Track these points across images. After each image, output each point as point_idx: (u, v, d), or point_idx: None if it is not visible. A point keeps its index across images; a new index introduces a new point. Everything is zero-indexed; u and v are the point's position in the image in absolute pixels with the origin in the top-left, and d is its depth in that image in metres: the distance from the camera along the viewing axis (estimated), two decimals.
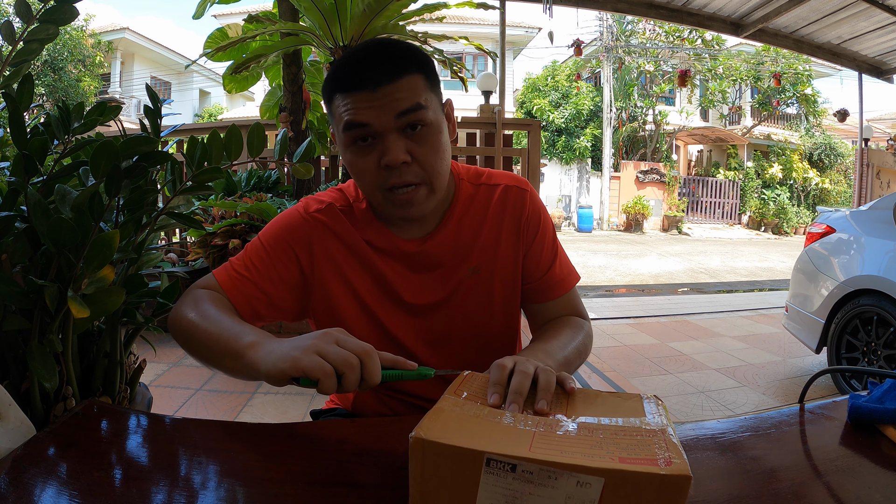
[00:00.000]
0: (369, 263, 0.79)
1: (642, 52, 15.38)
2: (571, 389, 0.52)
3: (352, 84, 0.67)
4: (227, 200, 2.78)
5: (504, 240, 0.81)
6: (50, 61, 12.05)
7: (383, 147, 0.68)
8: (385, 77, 0.67)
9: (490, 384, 0.52)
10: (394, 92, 0.67)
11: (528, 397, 0.51)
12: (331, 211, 0.80)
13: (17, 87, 0.90)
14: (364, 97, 0.67)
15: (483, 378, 0.55)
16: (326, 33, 2.87)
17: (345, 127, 0.68)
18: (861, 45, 5.98)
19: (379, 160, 0.68)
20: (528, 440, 0.41)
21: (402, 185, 0.69)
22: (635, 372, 2.90)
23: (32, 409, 0.76)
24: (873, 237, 2.56)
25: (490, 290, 0.81)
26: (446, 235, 0.79)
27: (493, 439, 0.41)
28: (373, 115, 0.67)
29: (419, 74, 0.69)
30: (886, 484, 0.51)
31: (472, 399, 0.49)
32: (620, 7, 5.43)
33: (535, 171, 4.11)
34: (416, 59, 0.69)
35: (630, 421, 0.45)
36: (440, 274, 0.80)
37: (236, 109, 17.83)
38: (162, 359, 2.75)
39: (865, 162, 8.73)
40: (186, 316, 0.70)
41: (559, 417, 0.47)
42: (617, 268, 7.97)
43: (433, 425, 0.42)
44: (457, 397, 0.49)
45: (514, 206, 0.81)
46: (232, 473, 0.52)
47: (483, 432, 0.42)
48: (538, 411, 0.48)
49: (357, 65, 0.68)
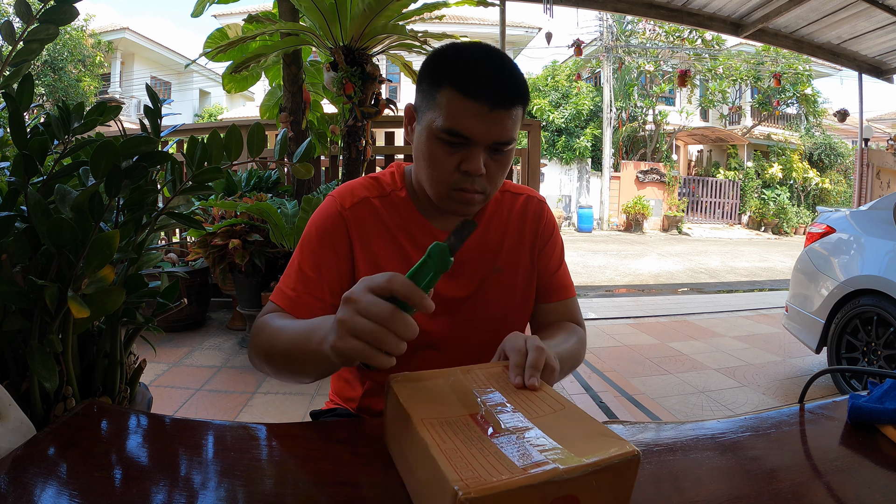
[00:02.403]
0: (405, 255, 0.81)
1: (642, 52, 15.38)
2: (532, 386, 0.56)
3: (472, 91, 0.69)
4: (227, 200, 2.78)
5: (525, 243, 0.88)
6: (50, 61, 12.04)
7: (469, 154, 0.72)
8: (502, 102, 0.69)
9: (511, 367, 0.59)
10: (503, 119, 0.70)
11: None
12: (366, 204, 0.82)
13: (17, 87, 0.90)
14: (478, 111, 0.69)
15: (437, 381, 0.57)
16: (326, 33, 2.87)
17: (446, 130, 0.70)
18: (861, 45, 5.98)
19: (459, 163, 0.72)
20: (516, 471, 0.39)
21: (469, 191, 0.74)
22: (635, 372, 2.90)
23: (32, 409, 0.76)
24: (873, 237, 2.56)
25: (512, 287, 0.86)
26: (476, 233, 0.84)
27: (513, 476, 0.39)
28: (477, 133, 0.70)
29: (522, 108, 0.73)
30: (886, 484, 0.51)
31: (442, 423, 0.47)
32: (620, 7, 5.43)
33: (535, 171, 4.10)
34: (526, 93, 0.74)
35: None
36: (468, 269, 0.84)
37: (236, 109, 17.83)
38: (162, 359, 2.75)
39: (865, 162, 8.73)
40: (261, 342, 0.71)
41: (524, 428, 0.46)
42: (617, 268, 7.97)
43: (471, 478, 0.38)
44: (430, 429, 0.46)
45: (534, 214, 0.90)
46: (232, 473, 0.52)
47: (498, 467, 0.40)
48: (529, 386, 0.55)
49: (484, 74, 0.70)
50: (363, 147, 3.01)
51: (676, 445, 0.58)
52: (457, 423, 0.47)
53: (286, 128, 3.14)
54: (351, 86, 2.83)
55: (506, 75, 0.70)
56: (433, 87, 0.72)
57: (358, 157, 3.00)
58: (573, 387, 2.60)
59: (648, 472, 0.53)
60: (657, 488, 0.50)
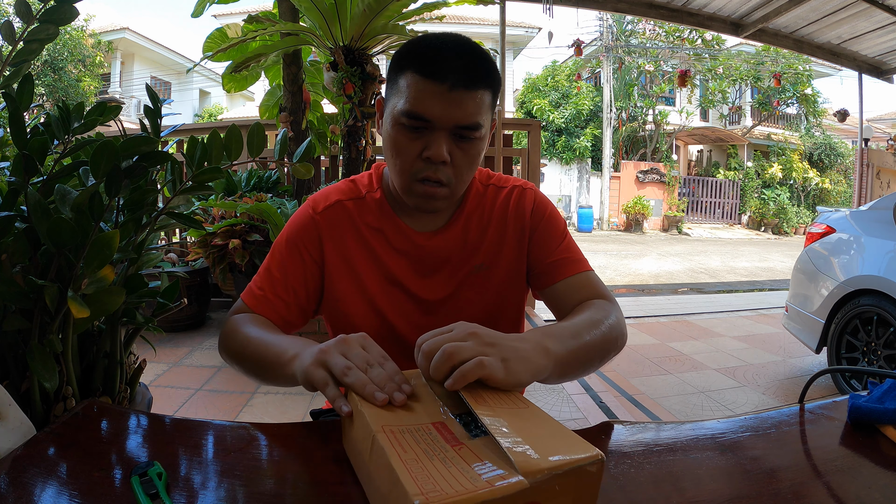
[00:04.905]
0: (378, 257, 0.80)
1: (642, 52, 15.38)
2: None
3: (431, 72, 0.68)
4: (227, 200, 2.78)
5: (509, 236, 0.83)
6: (50, 61, 12.04)
7: (430, 140, 0.70)
8: (463, 82, 0.68)
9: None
10: (465, 100, 0.68)
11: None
12: (339, 207, 0.82)
13: (17, 87, 0.90)
14: (437, 91, 0.68)
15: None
16: (326, 33, 2.87)
17: (406, 113, 0.69)
18: (861, 45, 5.98)
19: (422, 150, 0.70)
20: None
21: (432, 181, 0.72)
22: (635, 372, 2.90)
23: (32, 409, 0.76)
24: (873, 237, 2.56)
25: (495, 286, 0.83)
26: (456, 231, 0.82)
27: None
28: (437, 113, 0.68)
29: (489, 91, 0.71)
30: (886, 484, 0.51)
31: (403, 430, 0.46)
32: (620, 7, 5.42)
33: (535, 171, 4.10)
34: (493, 76, 0.71)
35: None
36: (448, 269, 0.82)
37: (236, 109, 17.83)
38: (162, 359, 2.75)
39: (865, 162, 8.72)
40: (233, 344, 0.74)
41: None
42: (617, 268, 7.97)
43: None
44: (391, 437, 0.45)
45: (518, 204, 0.84)
46: (232, 473, 0.52)
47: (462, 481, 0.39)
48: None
49: (444, 55, 0.68)
50: (363, 147, 3.01)
51: (676, 445, 0.58)
52: (418, 431, 0.45)
53: (286, 128, 3.14)
54: (351, 86, 2.83)
55: (467, 57, 0.69)
56: (397, 73, 0.72)
57: (358, 157, 3.00)
58: (573, 386, 2.60)
59: (648, 472, 0.53)
60: (657, 488, 0.50)
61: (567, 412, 2.29)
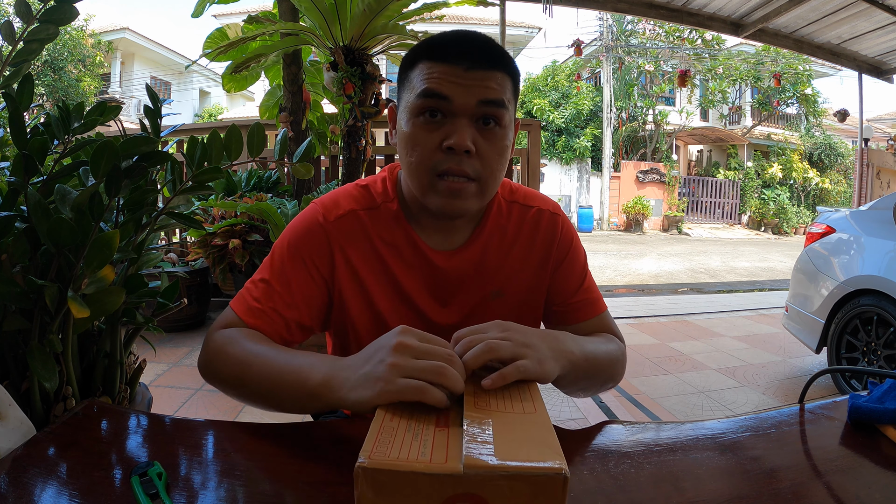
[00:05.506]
0: (392, 274, 0.74)
1: (642, 52, 15.38)
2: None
3: (445, 56, 0.64)
4: (227, 200, 2.78)
5: (532, 265, 0.78)
6: (50, 61, 12.04)
7: (452, 128, 0.64)
8: (480, 63, 0.64)
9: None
10: (485, 79, 0.64)
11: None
12: (353, 218, 0.74)
13: (17, 87, 0.90)
14: (454, 72, 0.63)
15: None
16: (326, 33, 2.87)
17: (422, 93, 0.64)
18: (861, 45, 5.98)
19: (442, 140, 0.64)
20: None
21: (456, 174, 0.65)
22: (635, 372, 2.90)
23: (32, 409, 0.76)
24: (873, 237, 2.56)
25: (508, 314, 0.74)
26: (473, 252, 0.75)
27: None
28: (457, 92, 0.63)
29: (509, 77, 0.67)
30: (886, 484, 0.51)
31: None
32: (620, 7, 5.43)
33: (535, 171, 4.10)
34: (511, 64, 0.67)
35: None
36: (462, 293, 0.76)
37: (236, 109, 17.84)
38: (162, 359, 2.75)
39: (865, 162, 8.73)
40: (225, 366, 0.64)
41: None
42: (617, 268, 7.97)
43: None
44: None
45: (545, 232, 0.79)
46: (232, 473, 0.52)
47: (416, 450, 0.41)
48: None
49: (455, 41, 0.65)
50: (363, 147, 3.01)
51: (676, 445, 0.58)
52: (420, 409, 0.47)
53: (286, 128, 3.14)
54: (351, 86, 2.83)
55: (481, 42, 0.65)
56: (408, 70, 0.68)
57: (358, 157, 3.00)
58: None
59: (648, 472, 0.53)
60: (657, 488, 0.50)
61: (567, 412, 2.30)
